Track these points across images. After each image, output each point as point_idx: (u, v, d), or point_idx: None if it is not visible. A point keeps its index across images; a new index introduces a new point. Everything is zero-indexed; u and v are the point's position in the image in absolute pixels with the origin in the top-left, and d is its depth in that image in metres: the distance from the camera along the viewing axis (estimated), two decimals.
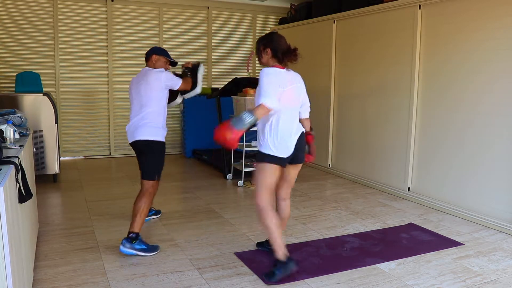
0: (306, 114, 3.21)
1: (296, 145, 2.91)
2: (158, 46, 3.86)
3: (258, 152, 2.92)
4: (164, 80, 3.39)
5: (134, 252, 3.19)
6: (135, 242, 3.20)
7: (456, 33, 4.24)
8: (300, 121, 3.10)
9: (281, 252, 2.82)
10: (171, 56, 3.63)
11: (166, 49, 3.63)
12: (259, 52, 3.02)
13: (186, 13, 7.27)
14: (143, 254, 3.20)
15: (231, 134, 2.57)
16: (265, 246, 3.31)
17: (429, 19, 4.52)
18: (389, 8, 4.98)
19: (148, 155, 3.40)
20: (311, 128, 3.22)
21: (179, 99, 3.85)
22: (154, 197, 3.45)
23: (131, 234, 3.22)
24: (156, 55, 3.52)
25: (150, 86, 3.35)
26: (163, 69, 3.49)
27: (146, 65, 3.55)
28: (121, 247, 3.18)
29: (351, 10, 5.57)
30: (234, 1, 7.41)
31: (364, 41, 5.43)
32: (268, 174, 2.84)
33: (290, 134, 2.90)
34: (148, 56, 3.54)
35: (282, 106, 2.83)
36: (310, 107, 3.35)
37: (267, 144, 2.85)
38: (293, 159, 2.94)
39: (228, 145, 2.60)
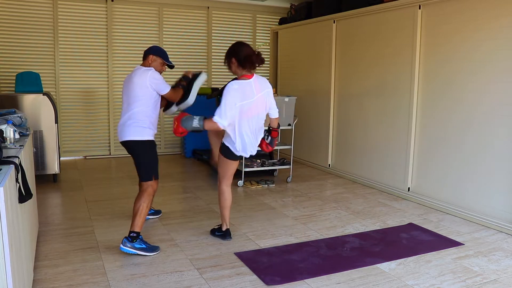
0: (275, 114, 3.64)
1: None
2: (158, 45, 3.77)
3: (225, 147, 3.42)
4: (148, 79, 3.29)
5: (134, 251, 3.19)
6: (135, 241, 3.21)
7: (456, 33, 4.24)
8: (270, 120, 3.64)
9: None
10: (172, 57, 3.62)
11: (166, 50, 3.61)
12: (227, 63, 3.39)
13: (186, 13, 7.27)
14: (143, 253, 3.21)
15: (176, 126, 3.29)
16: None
17: (429, 19, 4.52)
18: (389, 8, 4.98)
19: (139, 156, 3.40)
20: (278, 125, 3.73)
21: (174, 108, 3.68)
22: (153, 196, 3.45)
23: (131, 233, 3.23)
24: (153, 56, 3.45)
25: (135, 85, 3.30)
26: (152, 68, 3.39)
27: (142, 64, 3.48)
28: (122, 246, 3.20)
29: (351, 10, 5.57)
30: (234, 1, 7.41)
31: (364, 41, 5.43)
32: (231, 166, 3.50)
33: (254, 138, 3.43)
34: (146, 55, 3.48)
35: (250, 116, 3.30)
36: (310, 107, 3.48)
37: (234, 145, 3.36)
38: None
39: (174, 131, 3.32)
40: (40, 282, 2.77)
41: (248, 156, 3.44)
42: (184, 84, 3.61)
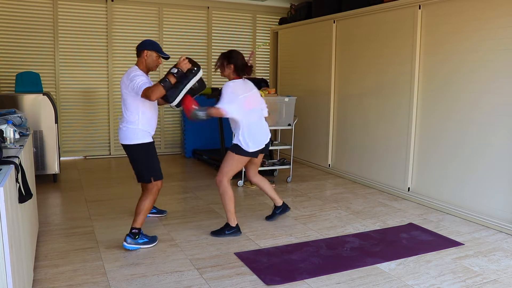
0: (266, 113, 3.90)
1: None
2: (149, 39, 3.58)
3: (236, 145, 3.60)
4: (128, 82, 3.26)
5: (138, 246, 3.28)
6: (138, 237, 3.30)
7: (456, 33, 4.24)
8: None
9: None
10: (172, 57, 3.60)
11: (166, 50, 3.61)
12: (222, 66, 3.64)
13: (186, 13, 7.27)
14: (146, 246, 3.31)
15: (187, 107, 3.44)
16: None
17: (429, 19, 4.52)
18: (389, 8, 4.98)
19: (132, 159, 3.43)
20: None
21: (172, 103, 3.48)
22: (157, 195, 3.48)
23: (133, 230, 3.31)
24: (148, 51, 3.38)
25: (123, 87, 3.33)
26: (136, 67, 3.36)
27: (137, 61, 3.42)
28: (124, 243, 3.27)
29: (351, 10, 5.57)
30: (234, 1, 7.41)
31: (364, 41, 5.43)
32: (240, 163, 3.70)
33: (263, 126, 3.74)
34: (139, 51, 3.40)
35: (249, 108, 3.61)
36: (310, 107, 3.55)
37: (241, 141, 3.58)
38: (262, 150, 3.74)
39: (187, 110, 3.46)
40: (40, 282, 2.78)
41: (263, 146, 3.67)
42: (171, 80, 3.22)
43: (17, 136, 2.93)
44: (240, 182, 5.32)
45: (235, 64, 3.61)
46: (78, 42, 6.66)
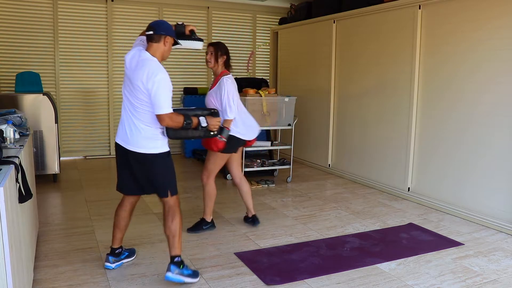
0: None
1: None
2: (165, 20, 2.88)
3: (232, 139, 3.58)
4: (150, 84, 2.63)
5: (183, 279, 2.77)
6: (183, 267, 2.79)
7: (456, 33, 4.24)
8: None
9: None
10: (172, 57, 3.58)
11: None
12: (216, 57, 3.57)
13: (186, 13, 7.27)
14: (190, 280, 2.80)
15: (218, 147, 3.45)
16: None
17: (429, 19, 4.52)
18: (389, 8, 4.98)
19: (156, 171, 2.88)
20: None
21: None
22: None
23: (176, 259, 2.79)
24: (169, 36, 2.75)
25: (136, 83, 2.70)
26: (156, 61, 2.72)
27: (149, 47, 2.74)
28: (168, 274, 2.75)
29: (351, 10, 5.57)
30: (234, 1, 7.41)
31: (364, 41, 5.43)
32: (224, 160, 3.73)
33: (251, 119, 3.80)
34: (158, 35, 2.70)
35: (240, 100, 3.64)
36: (310, 107, 3.56)
37: (243, 129, 3.63)
38: None
39: (219, 149, 3.48)
40: (40, 282, 2.77)
41: (257, 134, 3.76)
42: (192, 125, 2.84)
43: (17, 136, 2.93)
44: None
45: (227, 56, 3.62)
46: (78, 42, 6.66)
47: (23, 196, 2.28)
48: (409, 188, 4.86)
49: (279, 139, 6.32)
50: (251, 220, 3.95)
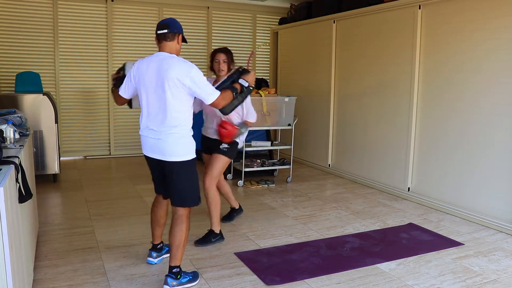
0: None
1: None
2: (172, 18, 2.82)
3: (235, 145, 3.58)
4: (187, 80, 2.61)
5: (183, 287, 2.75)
6: (180, 277, 2.73)
7: (456, 33, 4.24)
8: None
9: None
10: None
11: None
12: (229, 64, 3.57)
13: (186, 13, 7.27)
14: (190, 285, 2.77)
15: (231, 133, 3.42)
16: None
17: (429, 19, 4.52)
18: (389, 8, 4.98)
19: (185, 177, 2.79)
20: None
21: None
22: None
23: (174, 269, 2.71)
24: (182, 35, 2.76)
25: (169, 85, 2.65)
26: (181, 59, 2.72)
27: (165, 46, 2.71)
28: (166, 287, 2.68)
29: (351, 10, 5.57)
30: (234, 1, 7.41)
31: (364, 41, 5.43)
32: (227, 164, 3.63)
33: None
34: (173, 33, 2.68)
35: None
36: (310, 107, 3.54)
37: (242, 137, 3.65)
38: None
39: (231, 137, 3.43)
40: (40, 282, 2.77)
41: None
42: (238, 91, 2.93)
43: (17, 136, 2.93)
44: (240, 182, 5.32)
45: (233, 62, 3.65)
46: (78, 42, 6.66)
47: (23, 196, 2.28)
48: (409, 188, 4.86)
49: (279, 139, 6.32)
50: (238, 211, 4.05)
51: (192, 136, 2.74)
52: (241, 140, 3.65)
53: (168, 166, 2.68)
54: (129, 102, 3.03)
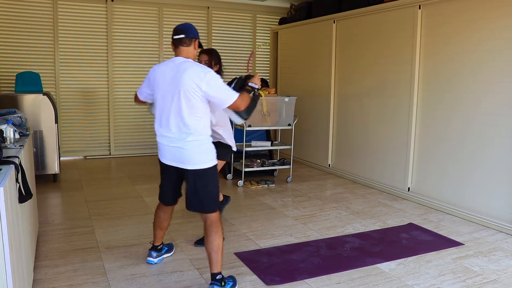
0: None
1: None
2: (188, 22, 2.80)
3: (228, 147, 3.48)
4: (204, 85, 2.55)
5: None
6: (225, 284, 2.68)
7: (456, 33, 4.24)
8: None
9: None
10: (171, 57, 3.56)
11: (167, 50, 3.47)
12: (211, 65, 3.36)
13: (186, 13, 7.27)
14: None
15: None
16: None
17: (429, 19, 4.52)
18: (389, 8, 4.98)
19: (208, 184, 2.77)
20: None
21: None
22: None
23: (218, 276, 2.67)
24: (198, 40, 2.75)
25: (186, 90, 2.62)
26: (199, 64, 2.73)
27: (181, 51, 2.68)
28: None
29: (351, 10, 5.57)
30: (234, 1, 7.41)
31: (364, 41, 5.43)
32: None
33: None
34: (190, 38, 2.67)
35: None
36: (310, 107, 3.47)
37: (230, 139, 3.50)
38: None
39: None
40: (40, 282, 2.77)
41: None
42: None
43: (17, 136, 2.93)
44: (240, 182, 5.32)
45: (220, 65, 3.47)
46: (78, 42, 6.66)
47: (23, 196, 2.28)
48: (409, 188, 4.86)
49: (279, 139, 6.32)
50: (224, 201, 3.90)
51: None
52: (233, 142, 3.55)
53: (192, 174, 2.64)
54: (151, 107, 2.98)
